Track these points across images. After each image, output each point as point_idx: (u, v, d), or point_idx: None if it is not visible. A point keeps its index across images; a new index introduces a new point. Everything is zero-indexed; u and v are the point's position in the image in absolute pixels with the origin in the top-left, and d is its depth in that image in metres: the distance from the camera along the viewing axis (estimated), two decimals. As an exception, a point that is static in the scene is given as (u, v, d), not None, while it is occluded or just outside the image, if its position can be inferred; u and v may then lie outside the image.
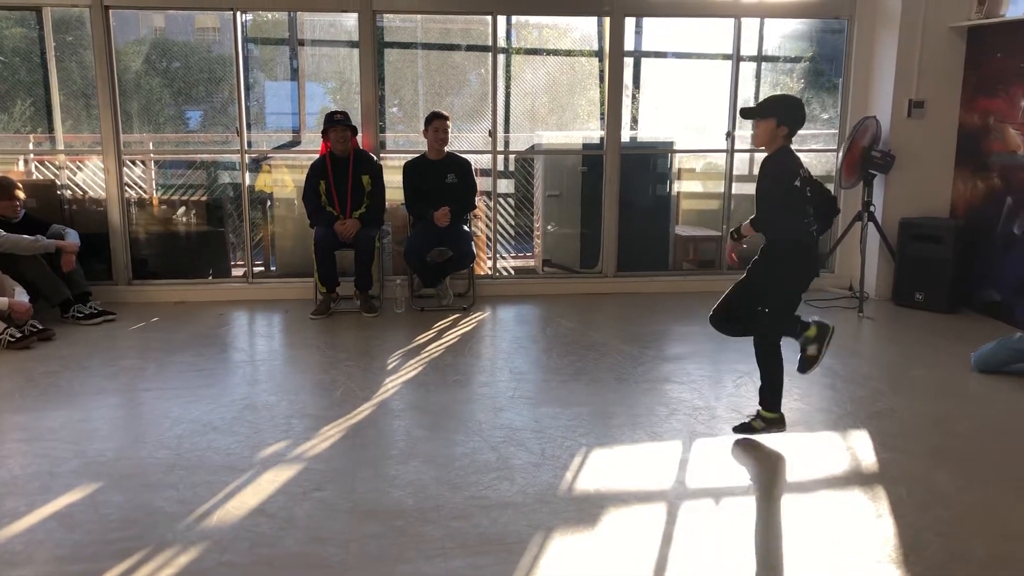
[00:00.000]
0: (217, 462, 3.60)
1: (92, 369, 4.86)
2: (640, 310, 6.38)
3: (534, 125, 7.39)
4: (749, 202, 7.36)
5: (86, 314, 5.86)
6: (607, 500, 3.29)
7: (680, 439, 3.89)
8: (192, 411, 4.19)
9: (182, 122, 7.33)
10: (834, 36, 7.07)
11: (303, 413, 4.19)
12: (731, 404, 4.35)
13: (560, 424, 4.05)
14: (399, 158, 6.63)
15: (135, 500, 3.25)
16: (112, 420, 4.14)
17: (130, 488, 3.35)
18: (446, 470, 3.54)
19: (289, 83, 7.44)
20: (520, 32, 7.47)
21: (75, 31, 6.70)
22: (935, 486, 3.45)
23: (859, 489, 3.41)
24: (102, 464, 3.58)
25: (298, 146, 7.32)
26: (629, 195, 7.00)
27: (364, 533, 3.02)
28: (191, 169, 7.26)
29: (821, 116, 7.33)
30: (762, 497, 3.36)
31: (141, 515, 3.13)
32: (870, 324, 6.03)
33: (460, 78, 7.40)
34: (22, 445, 3.81)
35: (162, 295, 6.54)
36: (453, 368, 4.94)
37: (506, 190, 7.56)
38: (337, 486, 3.39)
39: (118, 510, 3.18)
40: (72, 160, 6.88)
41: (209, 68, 7.19)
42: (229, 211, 7.02)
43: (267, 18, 7.30)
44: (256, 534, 3.00)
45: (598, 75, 7.17)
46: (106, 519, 3.10)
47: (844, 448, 3.83)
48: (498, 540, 2.97)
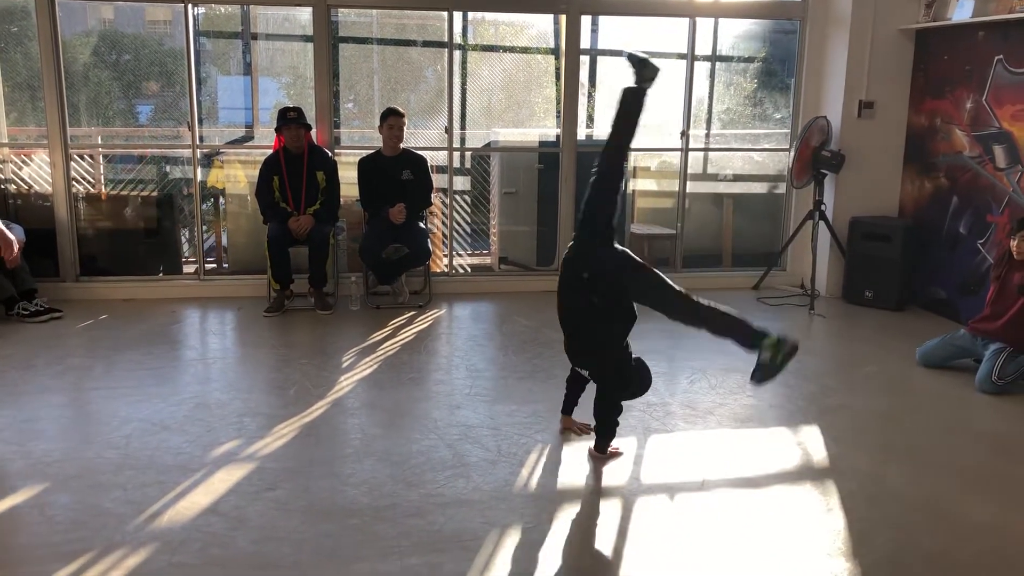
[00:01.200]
0: (167, 462, 3.54)
1: (37, 368, 4.74)
2: (596, 307, 6.39)
3: (490, 122, 7.38)
4: (703, 200, 7.46)
5: (31, 311, 5.72)
6: (563, 496, 3.30)
7: (635, 435, 3.91)
8: (142, 410, 4.11)
9: (132, 116, 7.19)
10: (787, 37, 7.17)
11: (256, 411, 4.14)
12: (685, 400, 4.38)
13: (516, 421, 4.05)
14: (354, 154, 6.57)
15: (83, 501, 3.18)
16: (58, 420, 4.05)
17: (77, 489, 3.28)
18: (401, 468, 3.52)
19: (242, 78, 7.34)
20: (477, 28, 7.45)
21: (20, 22, 6.54)
22: (884, 480, 3.53)
23: (810, 484, 3.47)
24: (48, 465, 3.49)
25: (251, 141, 7.23)
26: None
27: (318, 532, 2.99)
28: (141, 164, 7.13)
29: (774, 116, 7.42)
30: (715, 492, 3.39)
31: (89, 517, 3.06)
32: (821, 321, 6.13)
33: (416, 74, 7.36)
34: (-36, 446, 3.71)
35: (111, 292, 6.41)
36: (408, 366, 4.92)
37: (462, 187, 7.54)
38: (291, 485, 3.35)
39: (65, 512, 3.10)
40: (16, 154, 6.71)
41: (160, 61, 7.07)
42: (180, 206, 6.90)
43: (220, 12, 7.19)
44: (208, 534, 2.95)
45: (554, 73, 7.19)
46: (52, 521, 3.03)
47: (796, 443, 3.89)
48: (454, 538, 2.96)
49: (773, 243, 7.35)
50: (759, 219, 7.55)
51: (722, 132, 7.48)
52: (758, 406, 4.34)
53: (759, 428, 4.06)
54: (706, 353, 5.21)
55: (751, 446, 3.85)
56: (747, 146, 7.57)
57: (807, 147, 6.46)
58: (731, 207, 7.47)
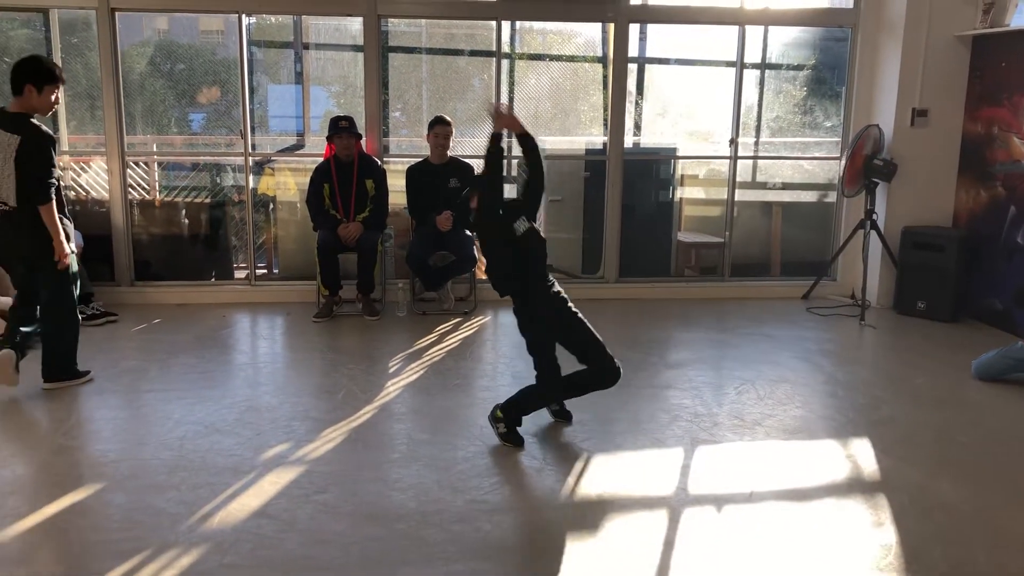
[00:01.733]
0: (219, 464, 3.60)
1: (94, 370, 4.86)
2: (641, 316, 6.38)
3: (537, 130, 7.38)
4: (752, 209, 7.40)
5: (88, 315, 5.86)
6: (609, 505, 3.29)
7: (682, 445, 3.89)
8: (194, 413, 4.19)
9: (186, 124, 7.34)
10: (837, 44, 7.09)
11: (305, 415, 4.20)
12: (733, 411, 4.35)
13: (561, 429, 4.05)
14: (402, 162, 6.64)
15: (138, 501, 3.25)
16: (114, 421, 4.15)
17: (133, 489, 3.36)
18: (448, 474, 3.54)
19: (293, 87, 7.45)
20: (524, 37, 7.48)
21: (81, 33, 6.72)
22: (937, 494, 3.46)
23: (860, 497, 3.42)
24: (105, 465, 3.58)
25: (302, 149, 7.33)
26: (631, 201, 7.01)
27: (366, 536, 3.02)
28: (194, 171, 7.27)
29: (824, 124, 7.34)
30: (763, 504, 3.36)
31: (144, 516, 3.13)
32: (872, 332, 6.03)
33: (464, 83, 7.41)
34: (25, 445, 3.81)
35: (164, 297, 6.55)
36: (454, 372, 4.95)
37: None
38: (339, 489, 3.39)
39: (120, 511, 3.18)
40: (76, 161, 6.89)
41: (213, 71, 7.21)
42: (232, 213, 7.03)
43: (271, 21, 7.32)
44: (258, 536, 3.00)
45: (601, 81, 7.19)
46: (109, 520, 3.11)
47: (845, 456, 3.83)
48: (500, 544, 2.97)
49: (823, 252, 7.26)
50: (809, 228, 7.46)
51: (771, 140, 7.41)
52: (807, 417, 4.29)
53: (808, 440, 4.01)
54: (754, 364, 5.17)
55: (800, 458, 3.80)
56: (797, 154, 7.49)
57: (859, 156, 6.37)
58: (780, 216, 7.40)
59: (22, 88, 4.26)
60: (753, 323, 6.17)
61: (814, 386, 4.80)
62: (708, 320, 6.30)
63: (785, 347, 5.55)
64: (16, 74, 4.27)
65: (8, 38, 6.78)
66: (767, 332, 5.91)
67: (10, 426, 4.08)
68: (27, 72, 4.26)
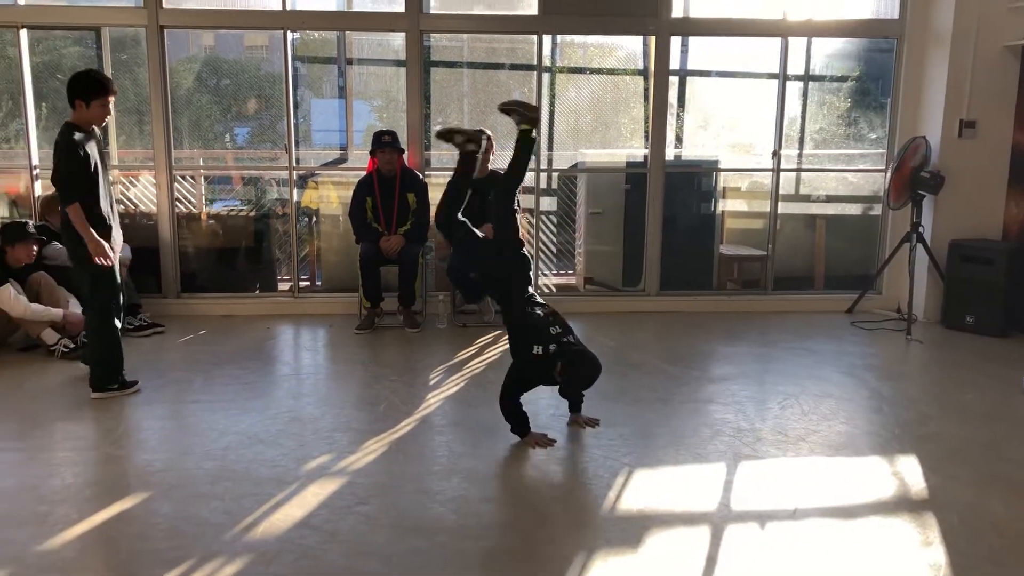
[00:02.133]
0: (263, 474, 3.64)
1: (141, 380, 4.94)
2: (683, 329, 6.34)
3: (577, 143, 7.41)
4: (795, 221, 7.32)
5: (136, 326, 5.98)
6: (650, 521, 3.27)
7: (724, 461, 3.85)
8: (238, 423, 4.25)
9: (231, 138, 7.47)
10: (882, 55, 7.01)
11: (347, 427, 4.23)
12: (776, 426, 4.30)
13: (602, 443, 4.03)
14: (444, 176, 6.67)
15: (183, 510, 3.30)
16: (160, 431, 4.21)
17: (178, 498, 3.40)
18: (488, 487, 3.54)
19: (336, 101, 7.55)
20: (565, 51, 7.50)
21: (130, 50, 6.87)
22: (987, 513, 3.38)
23: (907, 515, 3.35)
24: (151, 474, 3.64)
25: (345, 163, 7.42)
26: (673, 213, 6.98)
27: (407, 548, 3.03)
28: (239, 185, 7.39)
29: (868, 136, 7.25)
30: (807, 521, 3.31)
31: (188, 525, 3.18)
32: (918, 347, 5.93)
33: (504, 96, 7.43)
34: (74, 454, 3.89)
35: (210, 308, 6.65)
36: (495, 384, 4.92)
37: (548, 208, 7.58)
38: (380, 500, 3.41)
39: (166, 520, 3.23)
40: (125, 175, 7.04)
41: (258, 85, 7.33)
42: (276, 226, 7.12)
43: (315, 37, 7.42)
44: (301, 547, 3.02)
45: (642, 93, 7.18)
46: (155, 529, 3.16)
47: (891, 472, 3.77)
48: (539, 558, 2.96)
49: (868, 265, 7.16)
50: (853, 241, 7.37)
51: (815, 152, 7.34)
52: (852, 433, 4.22)
53: (853, 456, 3.95)
54: (798, 379, 5.11)
55: (845, 474, 3.74)
56: (841, 166, 7.41)
57: (906, 168, 6.28)
58: (824, 228, 7.32)
59: (74, 103, 4.45)
60: (796, 337, 6.10)
61: (859, 401, 4.73)
62: (751, 334, 6.24)
63: (829, 361, 5.48)
64: (68, 90, 4.47)
65: (61, 56, 6.96)
66: (811, 346, 5.84)
67: (60, 435, 4.16)
68: (75, 88, 4.45)
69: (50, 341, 5.39)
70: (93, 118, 4.49)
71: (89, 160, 4.44)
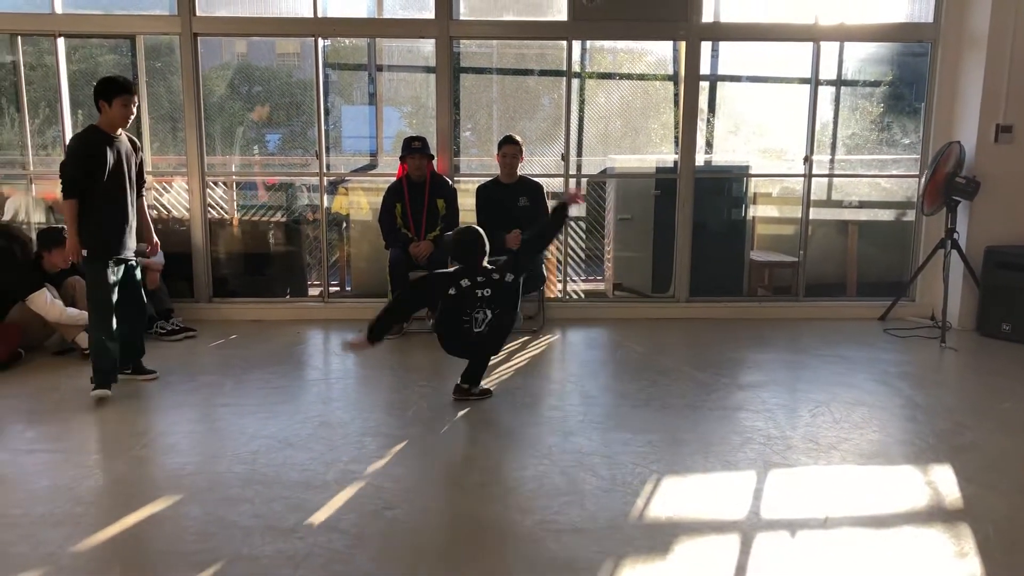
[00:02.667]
0: (292, 478, 3.66)
1: (173, 384, 5.01)
2: (713, 336, 6.30)
3: (607, 148, 7.39)
4: (827, 227, 7.25)
5: (168, 330, 6.05)
6: (679, 529, 3.24)
7: (754, 469, 3.81)
8: (268, 427, 4.28)
9: (262, 145, 7.54)
10: (916, 59, 6.93)
11: (376, 432, 4.24)
12: (807, 434, 4.25)
13: (631, 450, 4.01)
14: (473, 181, 6.70)
15: (213, 513, 3.33)
16: (192, 434, 4.25)
17: (208, 501, 3.43)
18: (515, 493, 3.54)
19: (367, 107, 7.60)
20: (594, 56, 7.50)
21: (164, 57, 6.97)
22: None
23: (942, 525, 3.30)
24: (182, 477, 3.67)
25: (374, 169, 7.46)
26: (703, 219, 6.94)
27: (434, 554, 3.03)
28: (270, 190, 7.45)
29: (902, 141, 7.17)
30: (838, 531, 3.27)
31: (218, 528, 3.20)
32: (953, 355, 5.84)
33: (533, 102, 7.46)
34: (107, 456, 3.94)
35: (241, 313, 6.71)
36: (522, 390, 4.95)
37: (577, 213, 7.57)
38: (408, 505, 3.42)
39: (196, 522, 3.25)
40: (159, 181, 7.12)
41: (290, 92, 7.39)
42: (307, 232, 7.18)
43: (346, 44, 7.48)
44: (329, 551, 3.04)
45: (672, 99, 7.15)
46: (185, 531, 3.18)
47: (925, 482, 3.71)
48: (568, 566, 2.95)
49: (901, 272, 7.07)
50: (886, 247, 7.28)
51: (847, 158, 7.27)
52: (884, 442, 4.17)
53: (886, 465, 3.90)
54: (829, 386, 5.05)
55: (877, 484, 3.69)
56: (873, 172, 7.33)
57: (940, 173, 6.20)
58: (856, 234, 7.24)
59: (99, 105, 4.63)
60: (828, 344, 6.03)
61: (892, 410, 4.67)
62: (781, 341, 6.18)
63: (861, 369, 5.42)
64: (94, 95, 4.65)
65: (97, 64, 7.07)
66: (842, 353, 5.77)
67: (94, 437, 4.22)
68: (97, 90, 4.63)
69: (84, 345, 5.46)
70: (116, 118, 4.62)
71: (98, 162, 4.56)
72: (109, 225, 4.66)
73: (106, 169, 4.59)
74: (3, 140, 7.01)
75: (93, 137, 4.59)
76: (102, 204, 4.62)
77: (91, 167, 4.55)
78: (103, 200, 4.62)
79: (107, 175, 4.60)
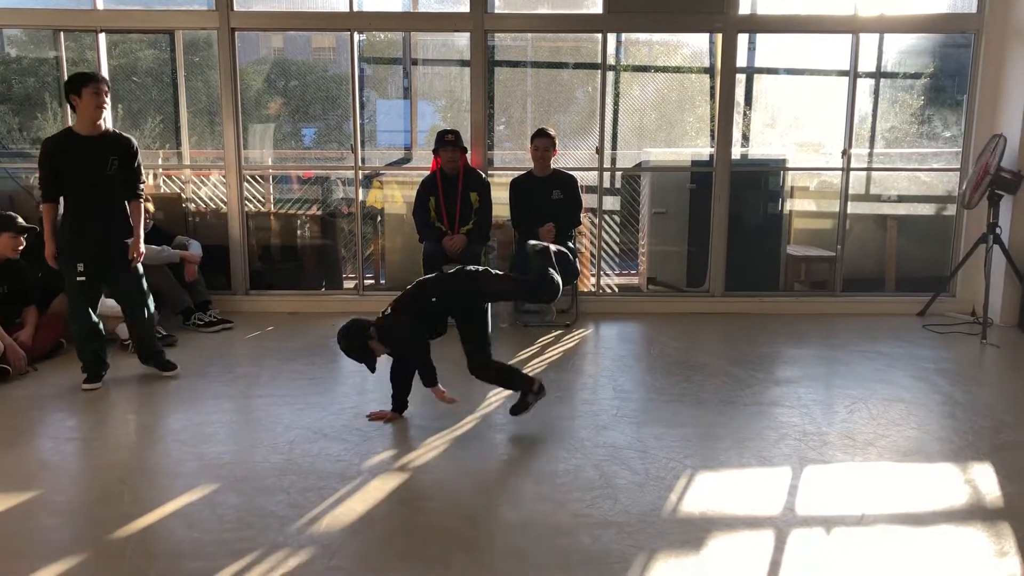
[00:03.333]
0: (327, 468, 3.70)
1: (211, 375, 5.07)
2: (748, 331, 6.25)
3: (641, 142, 7.36)
4: (865, 222, 7.16)
5: (206, 322, 6.12)
6: (712, 524, 3.23)
7: (789, 464, 3.78)
8: (304, 418, 4.32)
9: (298, 139, 7.60)
10: (958, 51, 6.81)
11: (409, 423, 4.27)
12: (844, 430, 4.20)
13: (664, 445, 4.00)
14: (507, 175, 6.70)
15: (249, 502, 3.37)
16: (228, 424, 4.30)
17: (245, 491, 3.48)
18: (548, 486, 3.54)
19: (401, 101, 7.63)
20: (629, 49, 7.46)
21: (202, 52, 7.05)
22: (1066, 525, 3.26)
23: (981, 524, 3.25)
24: (220, 467, 3.72)
25: (409, 163, 7.49)
26: (739, 213, 6.88)
27: (467, 544, 3.04)
28: (306, 184, 7.52)
29: (943, 134, 7.05)
30: (875, 528, 3.23)
31: (254, 517, 3.24)
32: (994, 352, 5.74)
33: (568, 95, 7.44)
34: (146, 445, 4.00)
35: (277, 305, 6.78)
36: (556, 384, 4.94)
37: (611, 207, 7.55)
38: (441, 496, 3.44)
39: (233, 511, 3.30)
40: (196, 175, 7.21)
41: (325, 87, 7.45)
42: (342, 225, 7.23)
43: (381, 38, 7.51)
44: (364, 540, 3.06)
45: (708, 92, 7.09)
46: (222, 519, 3.23)
47: (964, 480, 3.65)
48: (601, 559, 2.95)
49: (941, 267, 6.96)
50: (926, 242, 7.17)
51: (886, 151, 7.16)
52: (923, 439, 4.11)
53: (924, 463, 3.84)
54: (866, 382, 4.99)
55: (915, 481, 3.64)
56: (913, 165, 7.22)
57: (984, 167, 6.09)
58: (895, 229, 7.14)
59: (71, 101, 4.61)
60: (865, 340, 5.96)
61: (931, 406, 4.60)
62: (817, 336, 6.12)
63: (899, 365, 5.34)
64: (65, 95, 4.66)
65: (137, 59, 7.17)
66: (880, 349, 5.70)
67: (132, 426, 4.29)
68: (66, 89, 4.62)
69: (124, 336, 5.54)
70: (88, 112, 4.57)
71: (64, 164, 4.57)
72: (73, 228, 4.66)
73: (74, 171, 4.58)
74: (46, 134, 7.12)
75: (58, 138, 4.63)
76: (70, 206, 4.66)
77: (57, 169, 4.57)
78: (71, 202, 4.65)
79: (77, 177, 4.60)
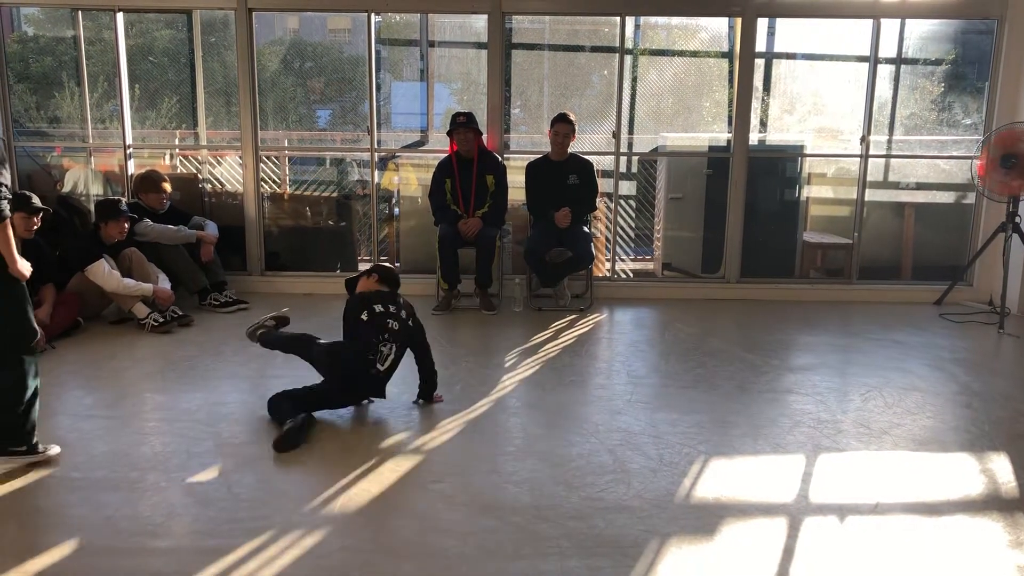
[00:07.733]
0: (341, 449, 3.71)
1: (226, 355, 5.09)
2: (763, 317, 6.23)
3: (658, 127, 7.32)
4: (883, 209, 7.10)
5: (222, 302, 6.15)
6: (726, 510, 3.23)
7: (803, 452, 3.77)
8: (318, 399, 4.33)
9: (313, 120, 7.60)
10: (979, 37, 6.73)
11: (423, 406, 4.28)
12: (859, 419, 4.19)
13: (678, 431, 3.99)
14: (522, 158, 6.68)
15: (265, 482, 3.39)
16: (243, 404, 4.33)
17: (260, 470, 3.50)
18: (562, 470, 3.55)
19: (417, 84, 7.61)
20: (647, 33, 7.41)
21: (219, 32, 7.04)
22: (1082, 516, 3.24)
23: (997, 514, 3.23)
24: (236, 446, 3.74)
25: (425, 145, 7.48)
26: (755, 199, 6.84)
27: (481, 527, 3.05)
28: (321, 166, 7.52)
29: (963, 122, 6.98)
30: (889, 516, 3.22)
31: (269, 497, 3.26)
32: (1012, 341, 5.70)
33: (584, 79, 7.41)
34: (163, 424, 4.03)
35: (292, 286, 6.80)
36: (570, 368, 4.95)
37: (627, 192, 7.52)
38: (455, 479, 3.45)
39: (248, 490, 3.32)
40: (213, 155, 7.23)
41: (341, 68, 7.43)
42: (357, 207, 7.23)
43: (397, 19, 7.48)
44: (377, 522, 3.08)
45: (726, 76, 7.04)
46: (238, 498, 3.25)
47: (980, 470, 3.64)
48: (614, 543, 2.95)
49: (959, 256, 6.91)
50: (943, 230, 7.11)
51: (905, 138, 7.10)
52: (938, 428, 4.09)
53: (939, 452, 3.83)
54: (882, 370, 4.97)
55: (930, 470, 3.63)
56: (933, 153, 7.16)
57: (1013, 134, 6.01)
58: (913, 217, 7.08)
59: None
60: (881, 328, 5.93)
61: (947, 396, 4.58)
62: (833, 324, 6.09)
63: (915, 354, 5.32)
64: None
65: (153, 39, 7.17)
66: (896, 338, 5.67)
67: (149, 405, 4.32)
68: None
69: (141, 315, 5.58)
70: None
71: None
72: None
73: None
74: (64, 113, 7.15)
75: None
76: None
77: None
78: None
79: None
